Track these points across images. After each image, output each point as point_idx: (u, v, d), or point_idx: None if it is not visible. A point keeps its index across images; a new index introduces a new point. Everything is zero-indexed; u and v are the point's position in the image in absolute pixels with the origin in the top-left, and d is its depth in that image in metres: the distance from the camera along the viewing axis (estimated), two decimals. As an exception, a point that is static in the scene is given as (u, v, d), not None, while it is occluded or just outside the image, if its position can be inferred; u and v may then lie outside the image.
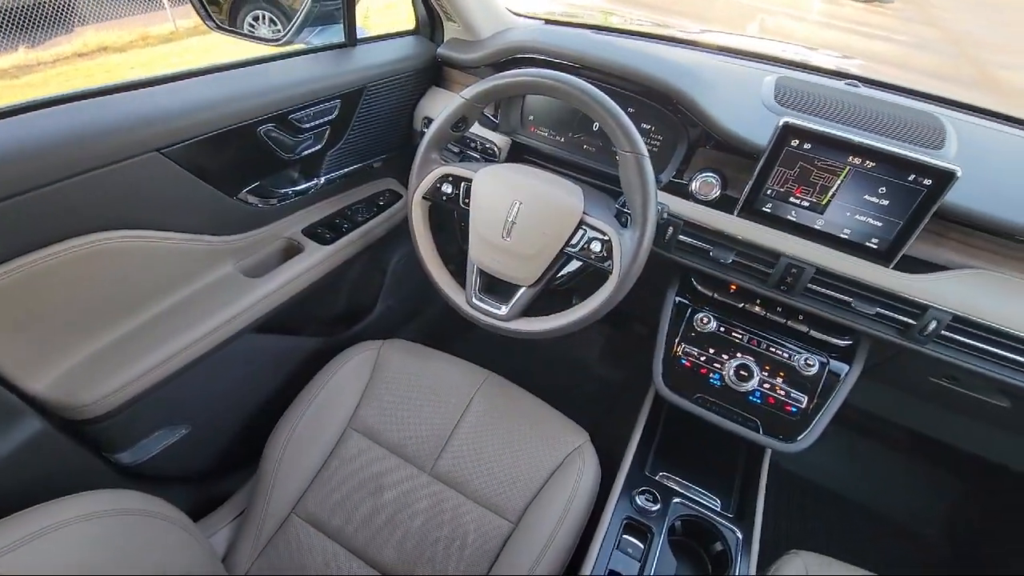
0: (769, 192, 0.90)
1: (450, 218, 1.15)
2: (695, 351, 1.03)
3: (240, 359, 1.06)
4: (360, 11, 1.11)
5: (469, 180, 0.94)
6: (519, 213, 0.89)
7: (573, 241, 0.89)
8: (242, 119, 0.89)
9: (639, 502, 0.96)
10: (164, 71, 0.86)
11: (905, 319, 0.88)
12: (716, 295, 1.04)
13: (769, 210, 0.91)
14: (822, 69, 1.27)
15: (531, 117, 1.17)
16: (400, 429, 1.06)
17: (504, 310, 0.96)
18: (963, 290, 0.86)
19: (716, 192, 0.97)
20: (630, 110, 1.06)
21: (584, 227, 0.89)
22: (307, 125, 1.00)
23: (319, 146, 1.07)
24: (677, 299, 1.07)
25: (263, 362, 1.15)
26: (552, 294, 1.06)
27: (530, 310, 0.98)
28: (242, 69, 0.94)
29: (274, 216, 1.09)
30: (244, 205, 0.99)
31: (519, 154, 1.18)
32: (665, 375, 1.03)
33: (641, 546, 0.92)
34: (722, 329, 1.03)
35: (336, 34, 1.12)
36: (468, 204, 0.94)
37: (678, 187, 1.01)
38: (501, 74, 0.86)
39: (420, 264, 1.02)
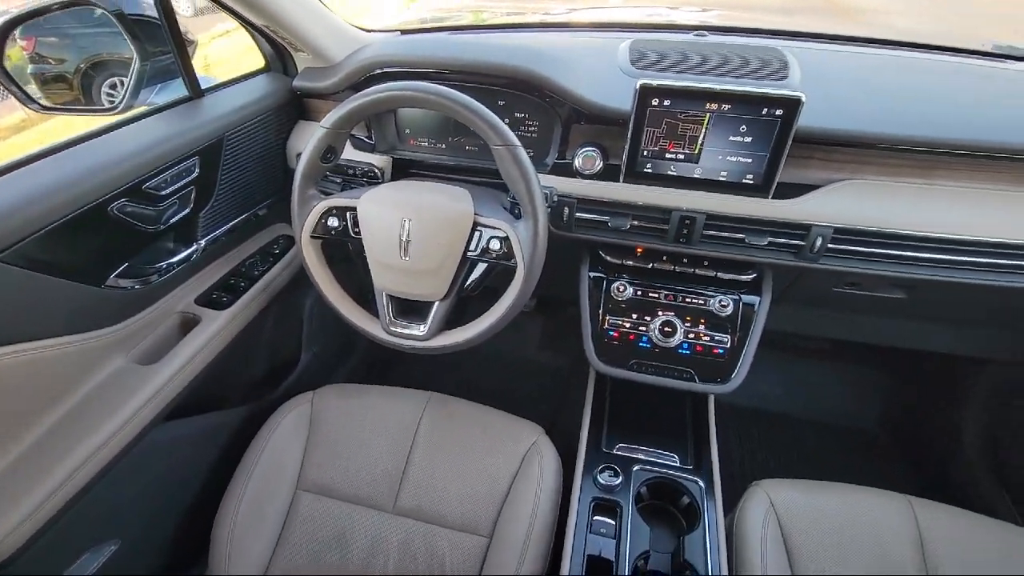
0: (646, 153, 0.92)
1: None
2: (620, 320, 1.05)
3: (159, 453, 0.98)
4: (200, 60, 1.04)
5: (353, 208, 0.91)
6: (411, 230, 0.86)
7: (472, 246, 0.88)
8: (87, 201, 0.81)
9: (602, 480, 0.97)
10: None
11: (794, 242, 0.93)
12: (626, 262, 1.06)
13: (650, 170, 0.94)
14: (675, 26, 1.33)
15: (407, 131, 1.15)
16: (352, 476, 1.01)
17: (423, 329, 0.94)
18: (836, 203, 0.92)
19: (599, 164, 0.98)
20: (501, 103, 1.06)
21: (479, 229, 0.88)
22: (166, 191, 0.93)
23: (188, 209, 1.00)
24: (591, 274, 1.08)
25: (187, 449, 1.07)
26: (474, 300, 1.05)
27: (453, 321, 0.96)
28: (80, 146, 0.86)
29: (159, 293, 1.01)
30: (117, 291, 0.91)
31: (404, 170, 1.15)
32: (597, 350, 1.04)
33: (613, 522, 0.92)
34: (639, 293, 1.05)
35: (180, 89, 1.05)
36: (359, 233, 0.91)
37: (564, 167, 1.03)
38: (355, 96, 0.83)
39: (327, 304, 0.98)
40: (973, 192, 0.92)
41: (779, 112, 0.83)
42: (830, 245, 0.93)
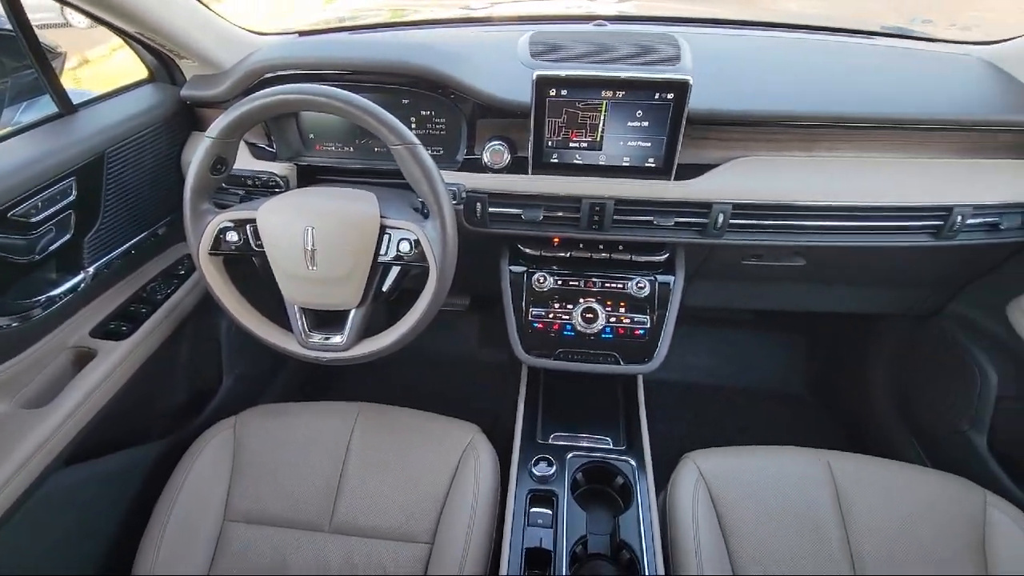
0: (550, 144, 0.93)
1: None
2: (543, 311, 1.05)
3: (60, 502, 0.90)
4: (71, 73, 0.96)
5: (253, 220, 0.86)
6: (315, 238, 0.83)
7: (382, 250, 0.86)
8: None
9: (537, 472, 0.98)
10: None
11: (698, 220, 0.97)
12: (543, 252, 1.07)
13: (556, 160, 0.94)
14: (577, 17, 1.35)
15: (312, 136, 1.11)
16: (284, 499, 0.97)
17: (341, 339, 0.91)
18: (731, 180, 0.96)
19: (507, 158, 0.98)
20: (405, 101, 1.04)
21: (387, 231, 0.86)
22: (38, 217, 0.85)
23: (68, 235, 0.92)
24: (511, 268, 1.08)
25: (96, 493, 0.99)
26: (397, 303, 1.03)
27: (376, 327, 0.94)
28: None
29: (44, 328, 0.93)
30: None
31: (311, 178, 1.11)
32: (523, 342, 1.05)
33: (549, 512, 0.93)
34: (559, 282, 1.06)
35: (49, 105, 0.97)
36: (261, 246, 0.87)
37: (473, 163, 1.02)
38: (240, 102, 0.79)
39: (235, 323, 0.93)
40: (854, 161, 0.98)
41: (670, 96, 0.86)
42: (732, 221, 0.97)
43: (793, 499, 0.93)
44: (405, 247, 0.85)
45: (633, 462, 1.00)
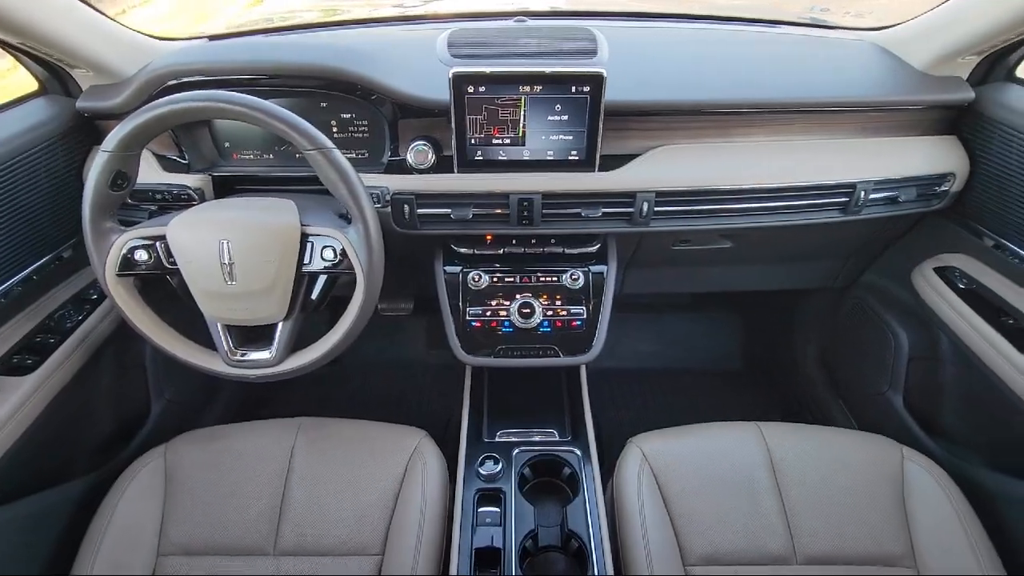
0: (473, 141, 0.92)
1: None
2: (480, 309, 1.05)
3: None
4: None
5: (163, 237, 0.82)
6: (231, 251, 0.79)
7: (306, 259, 0.84)
8: None
9: (484, 471, 0.97)
10: None
11: (624, 209, 0.99)
12: (477, 251, 1.06)
13: (481, 157, 0.94)
14: (498, 13, 1.34)
15: (227, 144, 1.06)
16: (224, 526, 0.93)
17: (270, 354, 0.88)
18: (652, 169, 0.98)
19: (432, 157, 0.97)
20: (323, 105, 1.01)
21: (309, 240, 0.83)
22: None
23: None
24: (446, 269, 1.07)
25: (9, 543, 0.91)
26: (336, 309, 1.00)
27: (313, 336, 0.91)
28: None
29: None
30: None
31: (229, 188, 1.06)
32: (462, 342, 1.04)
33: (497, 510, 0.93)
34: (495, 279, 1.06)
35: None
36: (175, 263, 0.82)
37: (399, 164, 1.00)
38: (135, 112, 0.74)
39: (154, 346, 0.88)
40: (767, 144, 1.03)
41: (587, 89, 0.87)
42: (657, 208, 0.99)
43: (731, 471, 0.97)
44: (329, 255, 0.83)
45: (578, 452, 1.02)
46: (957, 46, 0.99)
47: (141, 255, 0.82)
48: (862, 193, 1.01)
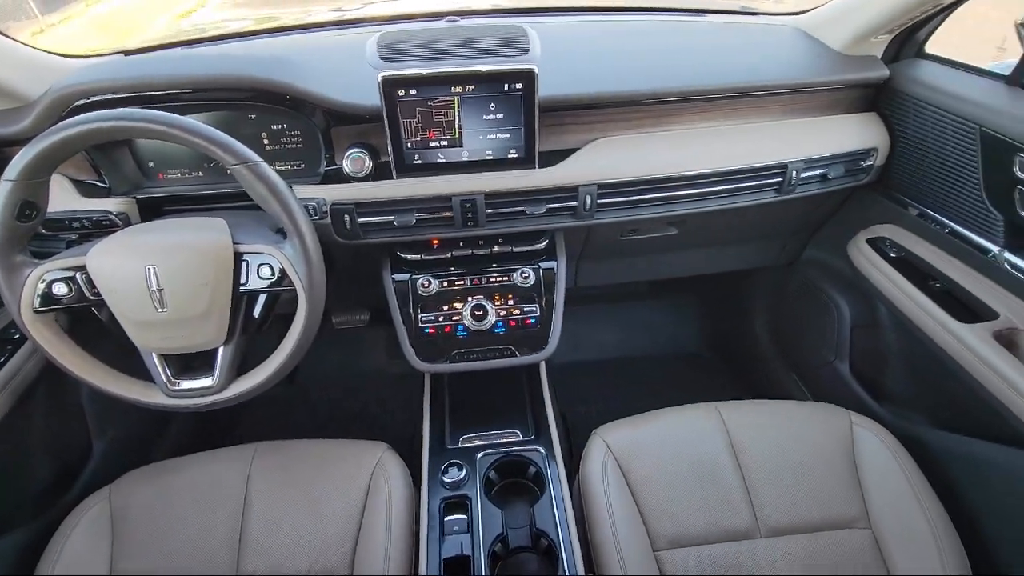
0: (410, 145, 0.91)
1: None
2: (432, 315, 1.03)
3: None
4: None
5: (83, 267, 0.77)
6: (159, 277, 0.75)
7: (242, 279, 0.80)
8: None
9: (448, 479, 0.96)
10: None
11: (568, 204, 0.99)
12: (424, 256, 1.05)
13: (419, 161, 0.92)
14: (429, 14, 1.33)
15: (151, 164, 1.01)
16: (180, 566, 0.88)
17: (213, 380, 0.84)
18: (592, 162, 0.99)
19: (369, 164, 0.95)
20: (251, 117, 0.97)
21: (244, 258, 0.80)
22: None
23: None
24: (394, 277, 1.05)
25: None
26: (279, 328, 0.96)
27: (259, 357, 0.87)
28: None
29: None
30: None
31: (157, 211, 1.00)
32: (416, 350, 1.02)
33: (465, 517, 0.92)
34: (445, 284, 1.05)
35: None
36: (98, 294, 0.78)
37: (336, 173, 0.97)
38: (38, 136, 0.69)
39: (85, 383, 0.83)
40: (703, 131, 1.05)
41: (519, 86, 0.86)
42: (600, 200, 1.00)
43: (693, 453, 0.99)
44: (267, 272, 0.80)
45: (542, 450, 1.01)
46: (869, 26, 1.03)
47: (60, 288, 0.77)
48: (794, 172, 1.04)
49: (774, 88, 1.02)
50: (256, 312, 0.88)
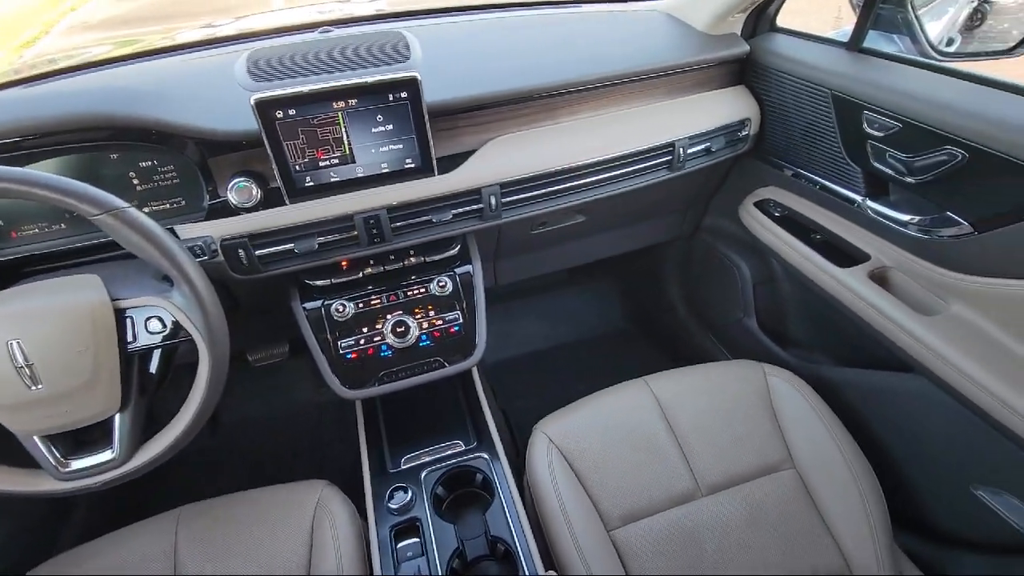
0: (298, 168, 0.86)
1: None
2: (352, 340, 0.99)
3: None
4: None
5: None
6: (25, 351, 0.67)
7: (130, 337, 0.73)
8: None
9: (394, 505, 0.93)
10: None
11: (473, 207, 0.99)
12: (334, 280, 1.00)
13: (311, 183, 0.88)
14: (299, 27, 1.26)
15: (1, 223, 0.89)
16: None
17: (113, 453, 0.76)
18: (492, 162, 0.99)
19: (257, 193, 0.89)
20: (114, 156, 0.88)
21: (128, 314, 0.72)
22: None
23: None
24: (305, 306, 1.00)
25: None
26: (186, 378, 0.88)
27: (164, 417, 0.79)
28: None
29: None
30: None
31: (14, 274, 0.88)
32: (340, 378, 0.98)
33: (417, 540, 0.89)
34: (361, 305, 1.01)
35: None
36: None
37: (223, 207, 0.90)
38: None
39: None
40: (593, 120, 1.08)
41: (404, 94, 0.84)
42: (504, 199, 1.00)
43: (630, 429, 1.02)
44: (156, 326, 0.73)
45: (487, 455, 1.01)
46: (726, 6, 1.11)
47: None
48: (681, 150, 1.10)
49: (650, 72, 1.07)
50: (153, 368, 0.80)
